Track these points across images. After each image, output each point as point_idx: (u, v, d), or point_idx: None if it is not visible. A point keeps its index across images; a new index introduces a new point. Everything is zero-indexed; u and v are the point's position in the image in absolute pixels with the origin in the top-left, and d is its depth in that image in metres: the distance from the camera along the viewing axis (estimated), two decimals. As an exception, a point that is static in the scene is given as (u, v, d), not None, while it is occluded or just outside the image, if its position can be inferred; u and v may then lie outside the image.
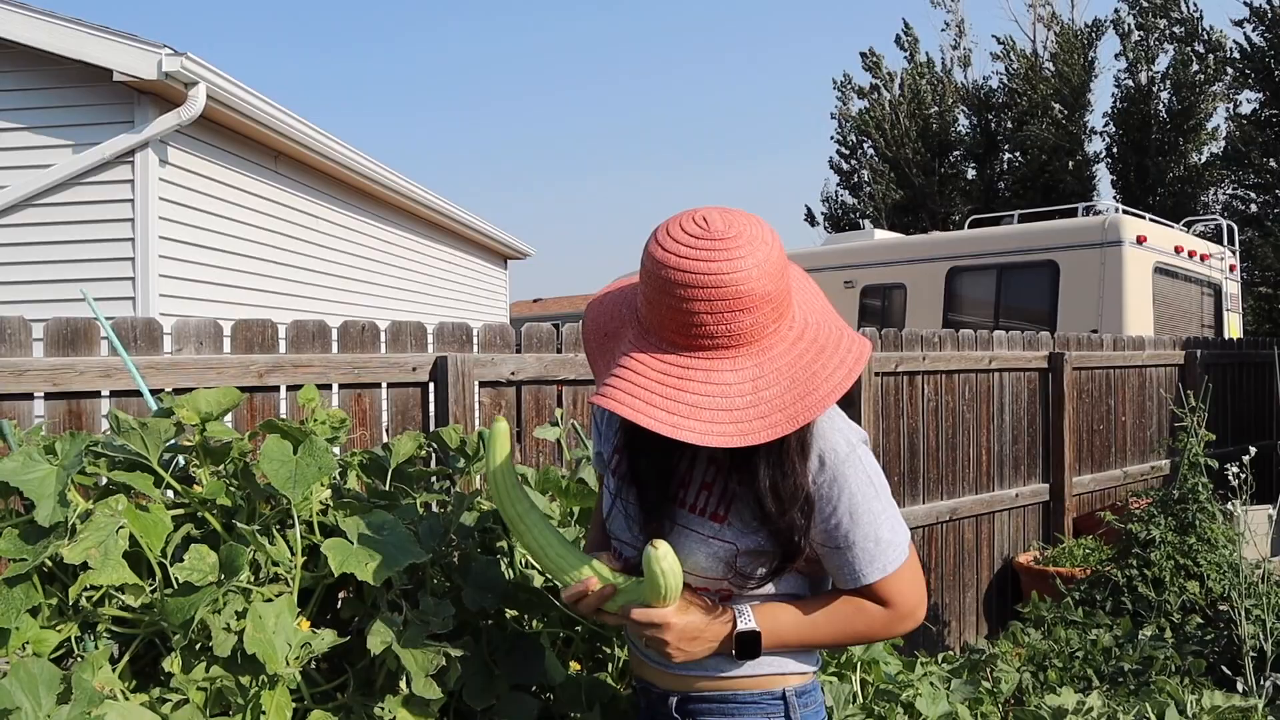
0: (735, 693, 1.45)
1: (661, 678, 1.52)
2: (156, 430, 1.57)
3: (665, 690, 1.51)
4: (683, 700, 1.49)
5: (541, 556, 1.46)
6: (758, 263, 1.24)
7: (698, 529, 1.43)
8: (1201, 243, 9.52)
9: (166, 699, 1.48)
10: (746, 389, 1.25)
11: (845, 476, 1.37)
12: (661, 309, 1.27)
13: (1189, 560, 4.28)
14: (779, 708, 1.45)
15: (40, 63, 5.28)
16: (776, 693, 1.45)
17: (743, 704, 1.45)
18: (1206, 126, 20.87)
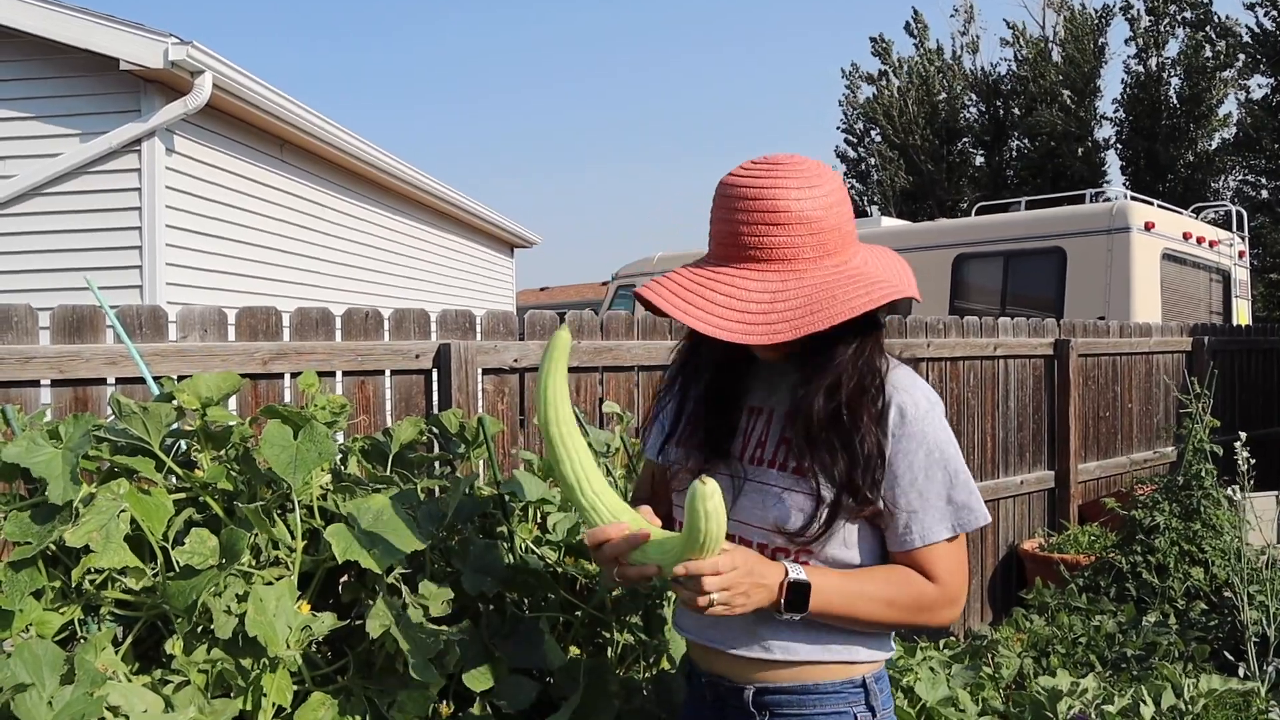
0: (817, 683, 1.41)
1: (736, 669, 1.45)
2: (158, 415, 1.58)
3: (740, 683, 1.45)
4: (760, 692, 1.43)
5: (577, 490, 1.33)
6: (800, 186, 1.33)
7: (775, 483, 1.42)
8: (1210, 229, 9.47)
9: (168, 680, 1.50)
10: (764, 299, 1.31)
11: (924, 432, 1.38)
12: (713, 224, 1.39)
13: (1193, 546, 4.28)
14: (860, 695, 1.42)
15: (47, 52, 5.30)
16: (857, 680, 1.42)
17: (825, 694, 1.41)
18: (1217, 112, 20.76)
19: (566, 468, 1.34)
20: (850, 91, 25.27)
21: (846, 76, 25.25)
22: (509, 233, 11.79)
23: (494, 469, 2.18)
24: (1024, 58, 22.48)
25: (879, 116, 24.08)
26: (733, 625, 1.41)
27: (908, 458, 1.37)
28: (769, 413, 1.47)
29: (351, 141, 7.21)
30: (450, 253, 10.25)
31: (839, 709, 1.39)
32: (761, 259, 1.32)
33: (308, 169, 7.14)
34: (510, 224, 11.56)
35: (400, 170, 8.23)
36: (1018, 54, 22.74)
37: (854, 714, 1.39)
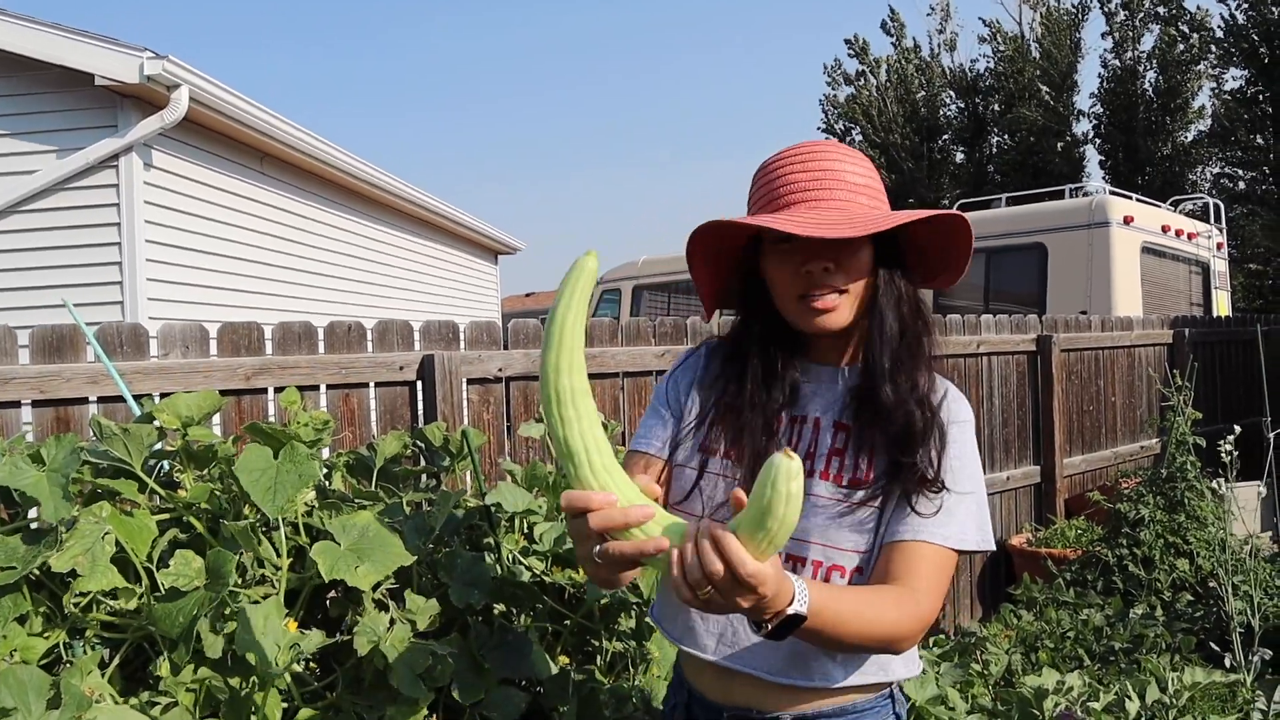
0: (854, 702, 1.36)
1: (767, 698, 1.35)
2: (139, 436, 1.58)
3: (773, 712, 1.35)
4: (797, 718, 1.34)
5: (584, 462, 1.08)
6: (847, 151, 1.35)
7: (828, 496, 1.33)
8: (1189, 221, 9.54)
9: (156, 702, 1.49)
10: (834, 216, 1.28)
11: (969, 429, 1.37)
12: (757, 192, 1.36)
13: (1178, 538, 4.31)
14: (889, 706, 1.40)
15: (20, 68, 5.27)
16: (887, 692, 1.40)
17: (862, 712, 1.37)
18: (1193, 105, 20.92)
19: (573, 431, 1.08)
20: (830, 91, 25.37)
21: (828, 73, 25.35)
22: (492, 239, 11.78)
23: (479, 481, 2.18)
24: (1002, 54, 22.61)
25: (859, 116, 24.17)
26: (775, 649, 1.29)
27: (960, 445, 1.34)
28: (814, 422, 1.39)
29: (331, 152, 7.20)
30: (434, 261, 10.24)
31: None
32: (818, 198, 1.29)
33: (288, 181, 7.12)
34: (493, 230, 11.55)
35: (381, 180, 8.21)
36: (995, 50, 22.87)
37: None
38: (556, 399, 1.08)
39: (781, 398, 1.39)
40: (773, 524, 0.99)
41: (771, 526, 0.99)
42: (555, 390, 1.08)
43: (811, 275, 1.29)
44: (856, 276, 1.31)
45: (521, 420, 3.48)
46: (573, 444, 1.07)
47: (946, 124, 23.85)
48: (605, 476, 1.08)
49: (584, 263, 1.10)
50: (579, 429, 1.08)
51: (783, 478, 0.98)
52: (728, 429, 1.39)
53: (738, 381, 1.39)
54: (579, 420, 1.08)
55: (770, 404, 1.38)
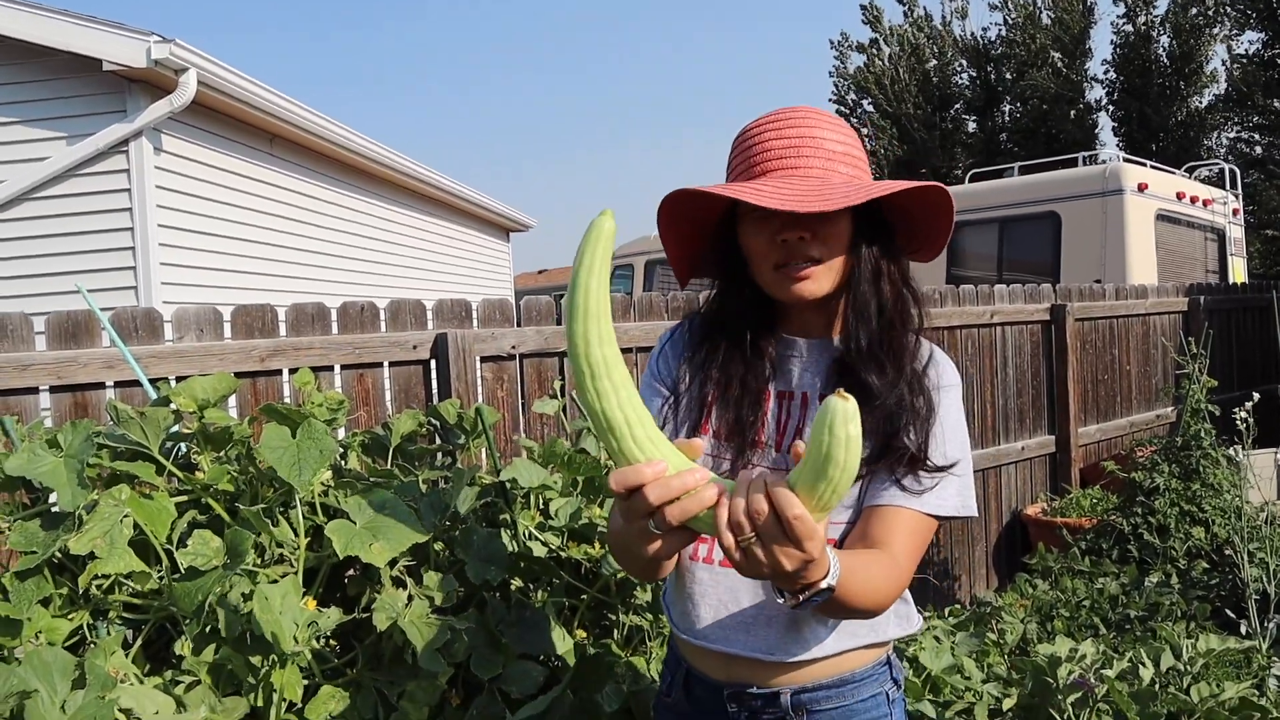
0: (853, 671, 1.35)
1: (766, 673, 1.34)
2: (155, 419, 1.59)
3: (773, 689, 1.34)
4: (798, 693, 1.33)
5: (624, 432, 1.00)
6: (826, 118, 1.32)
7: None
8: (1204, 188, 9.45)
9: (179, 681, 1.52)
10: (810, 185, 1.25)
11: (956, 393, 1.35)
12: (734, 160, 1.33)
13: (1193, 506, 4.30)
14: (886, 672, 1.39)
15: (30, 55, 5.27)
16: (883, 659, 1.38)
17: (860, 680, 1.35)
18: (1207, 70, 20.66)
19: (611, 404, 1.00)
20: (840, 62, 25.14)
21: (836, 47, 25.11)
22: (503, 217, 11.77)
23: (494, 458, 2.19)
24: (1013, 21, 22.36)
25: (870, 85, 23.97)
26: (771, 631, 1.33)
27: (946, 411, 1.32)
28: (802, 398, 1.36)
29: (340, 133, 7.19)
30: (446, 240, 10.24)
31: (874, 691, 1.36)
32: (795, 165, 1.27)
33: (298, 162, 7.12)
34: (504, 208, 11.53)
35: (391, 159, 8.21)
36: (1007, 18, 22.61)
37: (885, 692, 1.37)
38: (590, 372, 1.00)
39: (767, 371, 1.36)
40: (834, 471, 0.92)
41: (833, 474, 0.92)
42: (588, 363, 1.00)
43: (787, 244, 1.27)
44: (834, 247, 1.28)
45: (535, 397, 3.49)
46: (613, 418, 1.00)
47: (958, 93, 23.63)
48: (651, 448, 1.00)
49: (600, 224, 1.02)
50: (617, 401, 1.00)
51: (840, 421, 0.90)
52: (715, 407, 1.35)
53: (723, 356, 1.36)
54: (616, 392, 1.00)
55: (755, 379, 1.35)
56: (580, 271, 1.01)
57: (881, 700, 1.36)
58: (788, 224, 1.27)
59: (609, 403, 1.00)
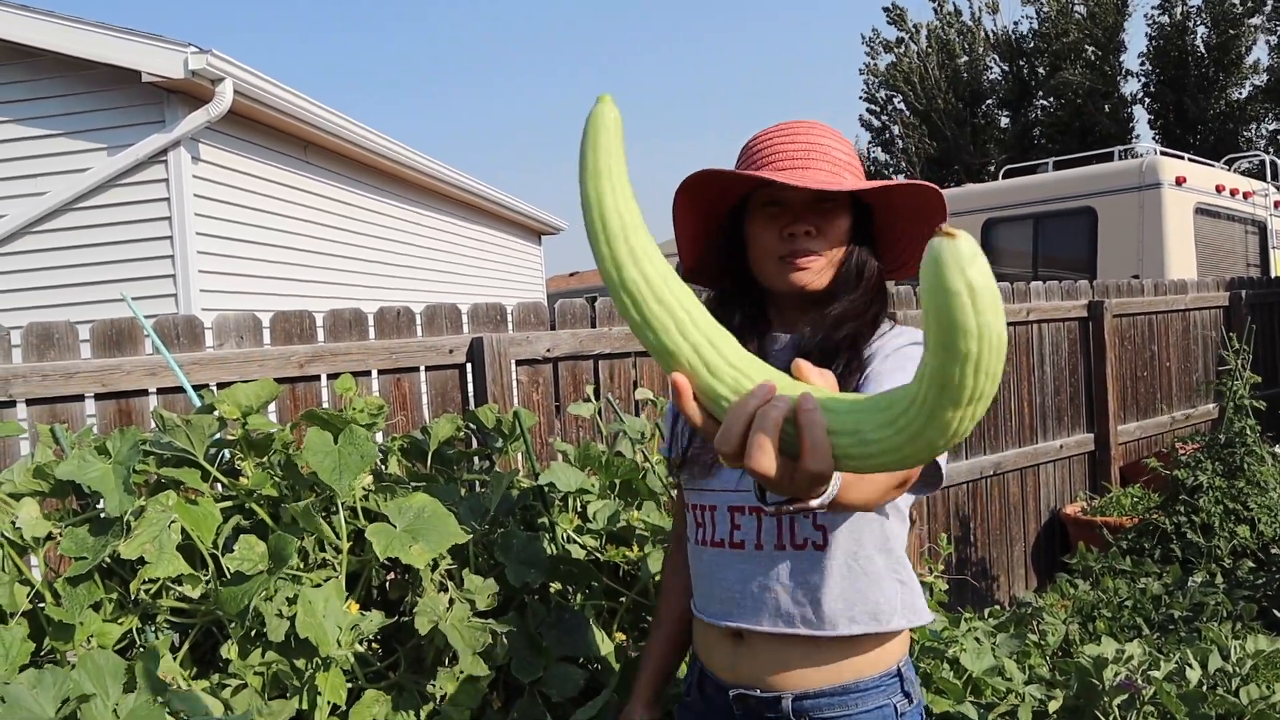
0: (856, 681, 1.35)
1: (771, 677, 1.36)
2: (200, 426, 1.62)
3: (774, 693, 1.36)
4: (799, 698, 1.34)
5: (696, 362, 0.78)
6: (832, 131, 1.39)
7: None
8: (1244, 180, 9.30)
9: (226, 684, 1.54)
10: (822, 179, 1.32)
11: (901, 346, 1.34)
12: (745, 163, 1.38)
13: (1238, 504, 4.23)
14: (896, 684, 1.38)
15: (71, 69, 5.37)
16: (892, 670, 1.38)
17: (865, 690, 1.35)
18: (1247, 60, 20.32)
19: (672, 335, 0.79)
20: (870, 59, 25.02)
21: (866, 43, 24.99)
22: (535, 220, 11.82)
23: (531, 461, 2.20)
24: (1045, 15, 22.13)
25: (900, 83, 23.82)
26: (765, 598, 1.35)
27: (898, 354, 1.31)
28: None
29: (372, 138, 7.25)
30: (478, 244, 10.30)
31: (880, 703, 1.35)
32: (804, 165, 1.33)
33: (333, 169, 7.19)
34: (535, 211, 11.58)
35: (422, 164, 8.27)
36: (1039, 11, 22.38)
37: (894, 705, 1.36)
38: (634, 303, 0.79)
39: None
40: (969, 344, 0.62)
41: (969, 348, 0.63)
42: (628, 292, 0.79)
43: (794, 238, 1.34)
44: (835, 243, 1.36)
45: (570, 399, 3.51)
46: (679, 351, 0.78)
47: (990, 89, 23.43)
48: (732, 373, 0.77)
49: (598, 115, 0.81)
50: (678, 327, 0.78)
51: (952, 268, 0.62)
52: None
53: None
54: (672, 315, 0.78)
55: None
56: (586, 182, 0.80)
57: (889, 712, 1.35)
58: (796, 217, 1.34)
59: (667, 336, 0.78)
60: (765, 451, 0.73)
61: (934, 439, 0.69)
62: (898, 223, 1.41)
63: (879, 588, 1.35)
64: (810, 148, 1.35)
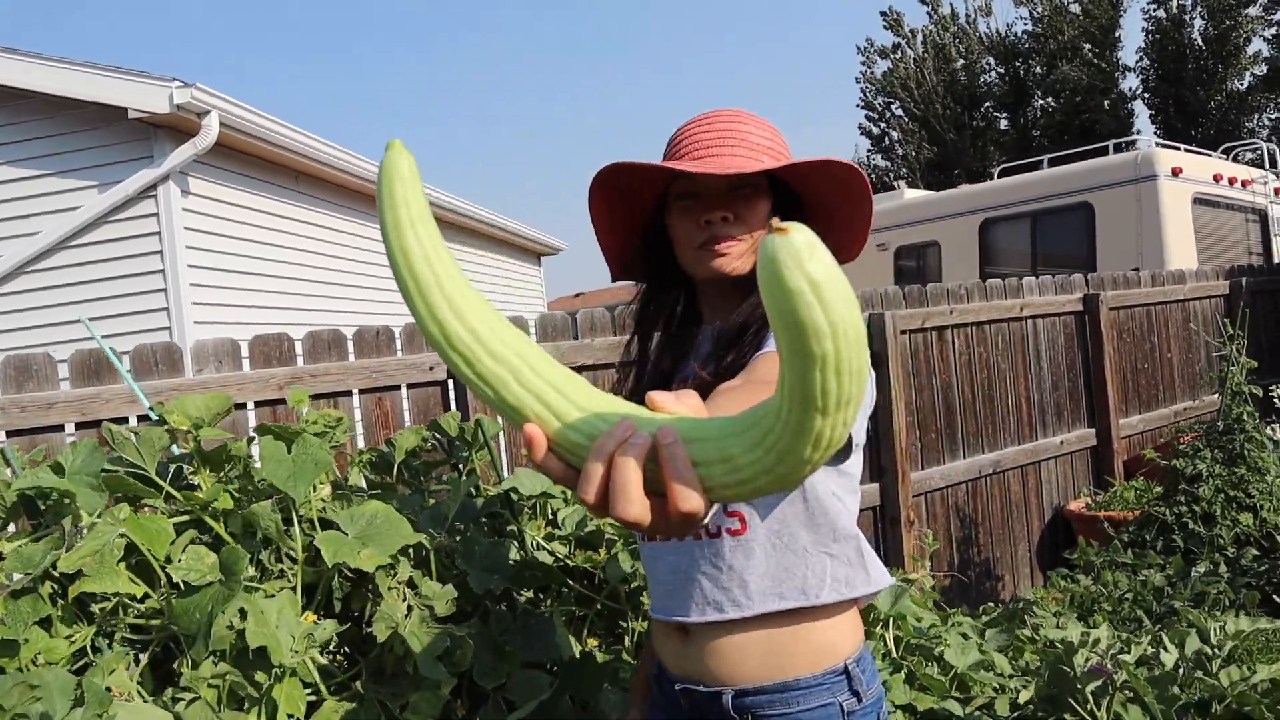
0: (798, 677, 1.31)
1: (709, 672, 1.35)
2: (150, 440, 1.62)
3: (716, 688, 1.34)
4: (739, 695, 1.32)
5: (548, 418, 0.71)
6: (753, 117, 1.38)
7: None
8: (1242, 169, 9.25)
9: (180, 698, 1.53)
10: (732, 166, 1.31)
11: None
12: (665, 156, 1.38)
13: (1239, 492, 4.18)
14: (843, 682, 1.33)
15: (59, 109, 5.43)
16: (838, 668, 1.33)
17: (807, 688, 1.31)
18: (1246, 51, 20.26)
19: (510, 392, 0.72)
20: (867, 67, 25.06)
21: (862, 52, 25.05)
22: (532, 241, 11.85)
23: (497, 469, 2.20)
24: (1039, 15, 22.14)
25: (897, 90, 23.86)
26: (692, 589, 1.34)
27: None
28: (683, 379, 1.40)
29: (361, 165, 7.29)
30: (474, 266, 10.32)
31: (824, 701, 1.31)
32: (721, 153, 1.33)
33: (325, 197, 7.23)
34: (532, 232, 11.61)
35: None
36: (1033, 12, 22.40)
37: (839, 703, 1.32)
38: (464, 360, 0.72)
39: (678, 362, 1.41)
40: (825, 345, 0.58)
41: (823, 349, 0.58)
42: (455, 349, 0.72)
43: (711, 225, 1.33)
44: (756, 227, 1.35)
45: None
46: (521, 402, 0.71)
47: (988, 91, 23.43)
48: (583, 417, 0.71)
49: (392, 164, 0.73)
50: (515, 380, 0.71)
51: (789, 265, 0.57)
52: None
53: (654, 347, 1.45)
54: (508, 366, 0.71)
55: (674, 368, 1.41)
56: (389, 237, 0.73)
57: (834, 711, 1.31)
58: (711, 205, 1.34)
59: (507, 391, 0.72)
60: (629, 498, 0.66)
61: (805, 453, 0.64)
62: (825, 205, 1.40)
63: (805, 563, 1.32)
64: (727, 134, 1.35)
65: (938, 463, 4.85)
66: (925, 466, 4.77)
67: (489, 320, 0.73)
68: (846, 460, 1.33)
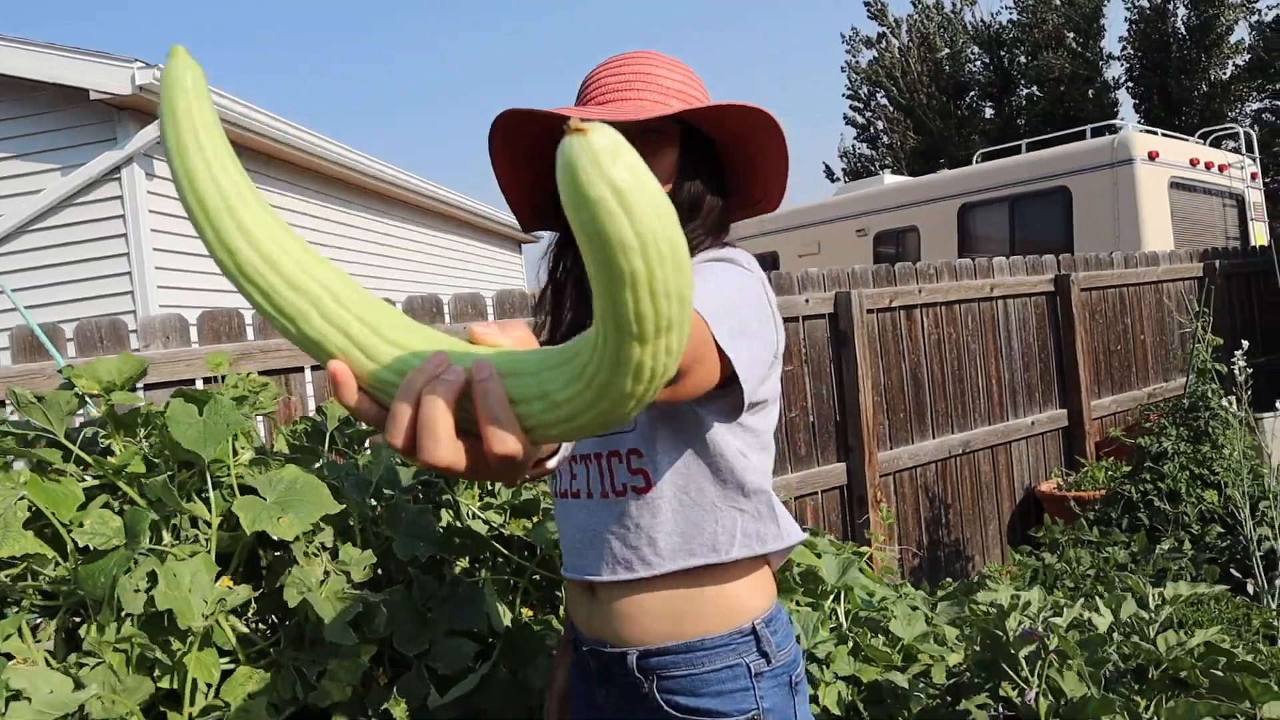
0: (701, 638, 1.28)
1: (617, 633, 1.31)
2: (57, 403, 1.58)
3: (621, 648, 1.31)
4: (644, 655, 1.29)
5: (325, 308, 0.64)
6: (665, 59, 1.32)
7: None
8: (1219, 153, 9.25)
9: (84, 663, 1.49)
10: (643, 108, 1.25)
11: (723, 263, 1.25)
12: (576, 102, 1.32)
13: (1204, 469, 4.17)
14: (750, 643, 1.29)
15: (20, 90, 5.36)
16: (745, 629, 1.29)
17: (712, 649, 1.28)
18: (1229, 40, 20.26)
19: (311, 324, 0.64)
20: (852, 56, 25.01)
21: (846, 41, 24.99)
22: (511, 227, 11.79)
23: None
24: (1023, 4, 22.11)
25: (883, 79, 23.81)
26: (601, 548, 1.31)
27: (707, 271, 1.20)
28: None
29: (333, 150, 7.24)
30: (450, 252, 10.27)
31: (730, 662, 1.28)
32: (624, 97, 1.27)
33: (297, 182, 7.17)
34: (511, 218, 11.55)
35: (389, 175, 8.25)
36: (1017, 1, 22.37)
37: (746, 664, 1.29)
38: (261, 291, 0.65)
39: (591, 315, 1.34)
40: (634, 262, 0.51)
41: (636, 267, 0.51)
42: (250, 280, 0.65)
43: None
44: (662, 177, 1.27)
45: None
46: (324, 336, 0.64)
47: (972, 80, 23.40)
48: (393, 352, 0.64)
49: (174, 76, 0.65)
50: (317, 313, 0.64)
51: (589, 170, 0.49)
52: None
53: (567, 302, 1.37)
54: (309, 297, 0.64)
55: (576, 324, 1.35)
56: (172, 159, 0.66)
57: (741, 672, 1.28)
58: None
59: (309, 323, 0.64)
60: (437, 440, 0.59)
61: (627, 386, 0.57)
62: (743, 155, 1.34)
63: (714, 518, 1.29)
64: (635, 77, 1.28)
65: (906, 442, 4.83)
66: (894, 446, 4.75)
67: (288, 247, 0.65)
68: (744, 415, 1.25)
